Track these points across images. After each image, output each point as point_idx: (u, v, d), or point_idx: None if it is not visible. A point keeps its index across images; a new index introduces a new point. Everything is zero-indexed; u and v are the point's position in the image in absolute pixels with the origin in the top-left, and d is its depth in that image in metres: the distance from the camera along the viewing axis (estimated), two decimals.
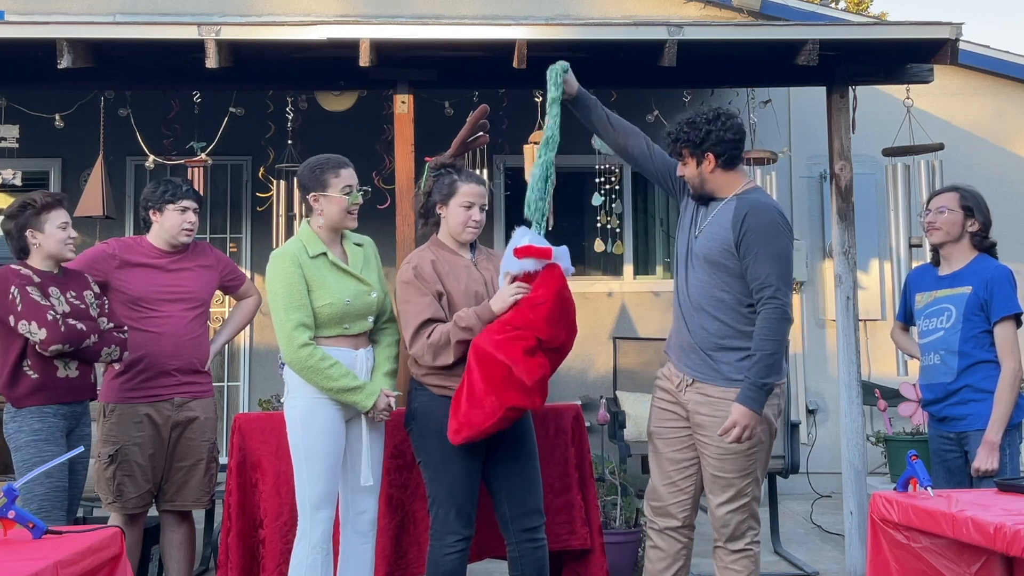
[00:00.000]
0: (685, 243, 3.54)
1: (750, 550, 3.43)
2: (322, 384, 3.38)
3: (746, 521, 3.43)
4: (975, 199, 3.95)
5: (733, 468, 3.38)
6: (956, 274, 3.93)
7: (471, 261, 3.62)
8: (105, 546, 2.60)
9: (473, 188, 3.62)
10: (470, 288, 3.53)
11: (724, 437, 3.31)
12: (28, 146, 6.32)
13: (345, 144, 4.62)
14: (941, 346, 3.90)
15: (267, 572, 3.90)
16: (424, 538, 4.04)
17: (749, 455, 3.37)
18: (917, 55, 5.25)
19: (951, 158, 6.35)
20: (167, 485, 4.15)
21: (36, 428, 3.69)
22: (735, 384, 3.34)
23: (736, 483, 3.39)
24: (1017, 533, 2.40)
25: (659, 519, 3.56)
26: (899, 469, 5.90)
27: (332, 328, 3.46)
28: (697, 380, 3.44)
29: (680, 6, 7.77)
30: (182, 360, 4.12)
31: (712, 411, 3.38)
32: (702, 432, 3.43)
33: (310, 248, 3.48)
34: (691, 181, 3.49)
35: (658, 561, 3.55)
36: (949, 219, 3.92)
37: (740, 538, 3.43)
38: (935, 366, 3.92)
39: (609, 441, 6.25)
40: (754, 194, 3.47)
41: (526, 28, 5.11)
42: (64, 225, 3.81)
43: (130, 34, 5.11)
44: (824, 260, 7.71)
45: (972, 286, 3.84)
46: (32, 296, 3.67)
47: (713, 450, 3.39)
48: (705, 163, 3.42)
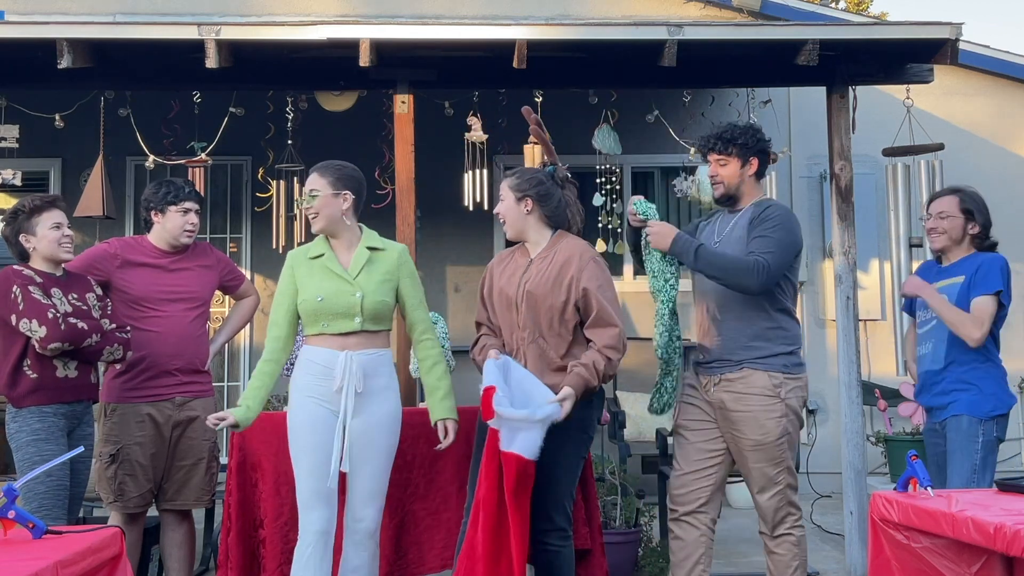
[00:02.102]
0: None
1: (791, 534, 3.66)
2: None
3: (784, 508, 3.66)
4: (975, 201, 3.97)
5: (765, 459, 3.60)
6: (953, 266, 3.99)
7: (527, 263, 3.62)
8: (105, 546, 2.60)
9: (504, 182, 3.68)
10: (504, 290, 3.59)
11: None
12: (28, 146, 6.32)
13: (345, 144, 4.64)
14: (933, 335, 3.97)
15: (267, 572, 3.90)
16: (424, 538, 4.05)
17: (779, 445, 3.61)
18: (917, 55, 5.25)
19: (951, 158, 6.35)
20: (167, 484, 4.15)
21: (36, 428, 3.70)
22: (759, 368, 3.59)
23: (769, 472, 3.62)
24: (1017, 533, 2.40)
25: (680, 506, 3.73)
26: (899, 469, 5.90)
27: (312, 326, 3.53)
28: (724, 379, 3.64)
29: (680, 6, 7.77)
30: (183, 360, 4.13)
31: (744, 406, 3.60)
32: (734, 428, 3.63)
33: (313, 250, 3.60)
34: (728, 179, 3.72)
35: (679, 551, 3.71)
36: (951, 224, 3.96)
37: (781, 523, 3.66)
38: (926, 355, 4.00)
39: (609, 441, 6.25)
40: (770, 200, 3.83)
41: (526, 28, 5.11)
42: (56, 225, 3.81)
43: (130, 34, 5.11)
44: (824, 260, 7.71)
45: (965, 275, 3.89)
46: (34, 295, 3.68)
47: (746, 443, 3.61)
48: (748, 166, 3.71)
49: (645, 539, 5.08)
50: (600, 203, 6.57)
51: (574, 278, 3.49)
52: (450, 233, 7.44)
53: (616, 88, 5.92)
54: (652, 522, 5.20)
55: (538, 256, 3.60)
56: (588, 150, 6.10)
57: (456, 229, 7.37)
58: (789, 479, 3.66)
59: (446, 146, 6.30)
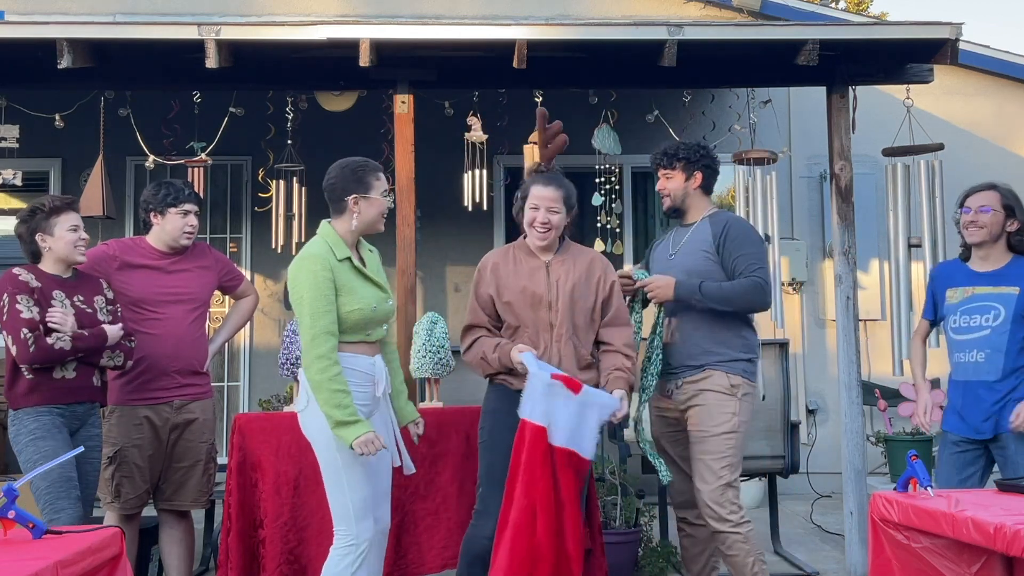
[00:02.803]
0: (663, 269, 3.92)
1: (738, 532, 3.70)
2: (320, 402, 3.26)
3: (726, 504, 3.71)
4: (1015, 199, 3.90)
5: (711, 449, 3.73)
6: (999, 273, 3.87)
7: (544, 264, 3.63)
8: (105, 546, 2.60)
9: (539, 190, 3.62)
10: (528, 289, 3.59)
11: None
12: (28, 146, 6.32)
13: (345, 144, 4.62)
14: (986, 344, 3.81)
15: (267, 572, 3.91)
16: (424, 538, 4.05)
17: (726, 439, 3.74)
18: (917, 55, 5.25)
19: (951, 158, 6.34)
20: (165, 485, 4.15)
21: (32, 428, 3.68)
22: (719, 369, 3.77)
23: (713, 465, 3.72)
24: (1017, 533, 2.40)
25: (685, 511, 3.95)
26: (899, 469, 5.90)
27: (355, 334, 3.39)
28: (686, 381, 3.82)
29: (680, 6, 7.77)
30: (182, 361, 4.13)
31: (700, 400, 3.78)
32: (690, 423, 3.81)
33: (337, 252, 3.38)
34: (673, 193, 3.95)
35: (691, 547, 3.97)
36: (993, 219, 3.85)
37: (725, 520, 3.71)
38: (977, 364, 3.83)
39: (609, 441, 6.24)
40: (724, 213, 3.99)
41: (526, 28, 5.10)
42: (75, 228, 3.80)
43: (130, 34, 5.11)
44: (824, 260, 7.71)
45: (1020, 287, 3.79)
46: (18, 307, 3.62)
47: (696, 435, 3.77)
48: (692, 180, 3.92)
49: (645, 539, 5.08)
50: (599, 203, 6.57)
51: (601, 278, 3.65)
52: (450, 233, 7.43)
53: (616, 88, 5.92)
54: (652, 522, 5.20)
55: (557, 258, 3.65)
56: (588, 150, 6.09)
57: (456, 229, 7.37)
58: (730, 477, 3.73)
59: (446, 146, 6.30)
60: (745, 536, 3.70)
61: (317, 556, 3.87)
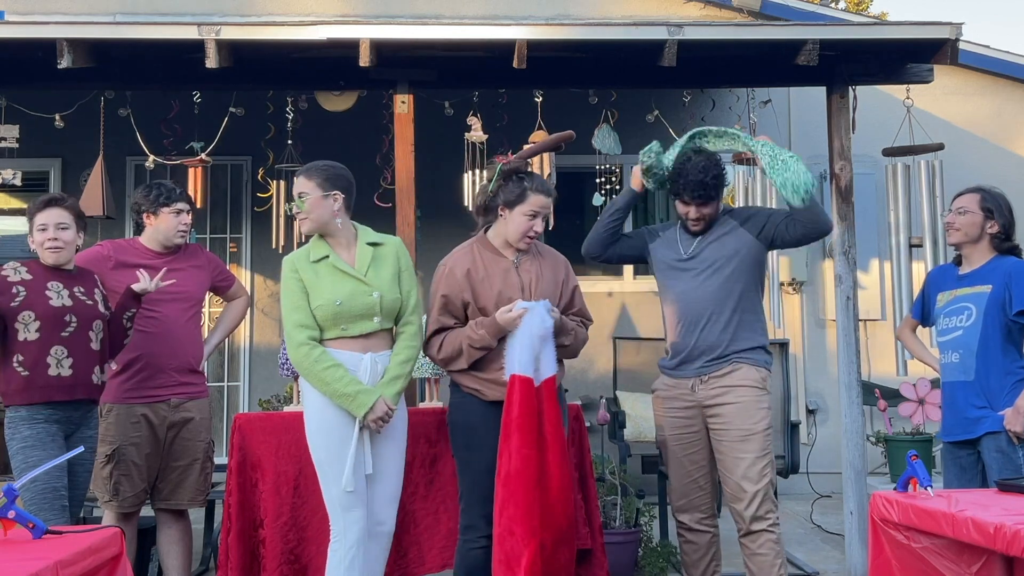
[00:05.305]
0: (678, 268, 3.91)
1: (771, 532, 3.71)
2: (319, 386, 3.41)
3: (766, 502, 3.71)
4: (996, 201, 3.93)
5: (755, 449, 3.70)
6: (975, 272, 3.91)
7: (513, 263, 3.63)
8: (105, 546, 2.60)
9: (541, 199, 3.62)
10: (504, 294, 3.56)
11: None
12: (28, 146, 6.32)
13: (345, 144, 4.63)
14: (959, 345, 3.86)
15: (267, 572, 3.91)
16: (424, 538, 4.05)
17: (767, 436, 3.73)
18: (917, 55, 5.25)
19: (951, 158, 6.34)
20: (162, 484, 4.16)
21: (25, 435, 3.66)
22: (747, 363, 3.76)
23: (758, 464, 3.70)
24: (1017, 533, 2.40)
25: (686, 516, 3.91)
26: (899, 469, 5.90)
27: (330, 330, 3.48)
28: (713, 376, 3.78)
29: (680, 6, 7.77)
30: (179, 360, 4.15)
31: (734, 398, 3.73)
32: (723, 421, 3.74)
33: (313, 253, 3.53)
34: (712, 216, 3.89)
35: (693, 553, 3.92)
36: (968, 220, 3.90)
37: (762, 519, 3.71)
38: (953, 364, 3.89)
39: (609, 441, 6.25)
40: (731, 207, 4.08)
41: (526, 28, 5.10)
42: (43, 227, 3.79)
43: (130, 34, 5.10)
44: (824, 260, 7.71)
45: (992, 284, 3.82)
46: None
47: (736, 434, 3.71)
48: (720, 199, 3.94)
49: (645, 539, 5.08)
50: (600, 203, 6.56)
51: (565, 281, 3.71)
52: (450, 233, 7.39)
53: (616, 88, 5.92)
54: (652, 522, 5.20)
55: (524, 256, 3.65)
56: (588, 150, 6.09)
57: (456, 229, 7.31)
58: (772, 474, 3.76)
59: (446, 146, 6.29)
60: (778, 537, 3.71)
61: (317, 556, 3.87)
